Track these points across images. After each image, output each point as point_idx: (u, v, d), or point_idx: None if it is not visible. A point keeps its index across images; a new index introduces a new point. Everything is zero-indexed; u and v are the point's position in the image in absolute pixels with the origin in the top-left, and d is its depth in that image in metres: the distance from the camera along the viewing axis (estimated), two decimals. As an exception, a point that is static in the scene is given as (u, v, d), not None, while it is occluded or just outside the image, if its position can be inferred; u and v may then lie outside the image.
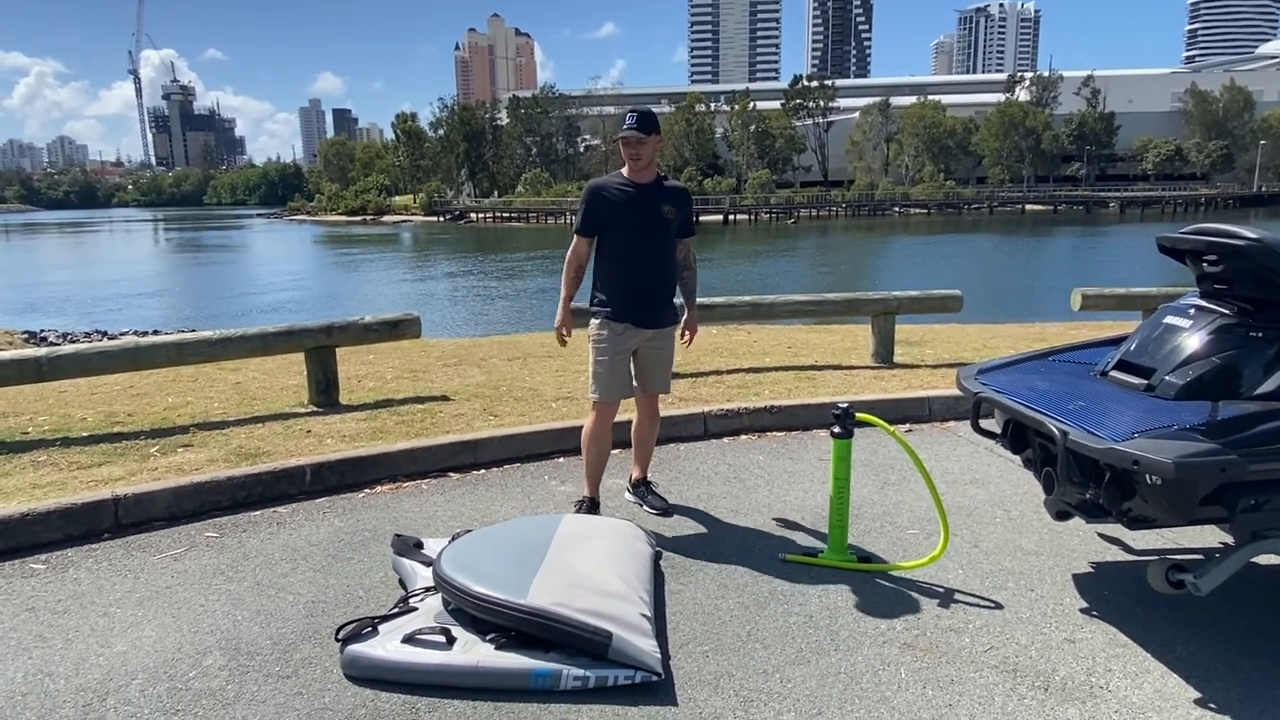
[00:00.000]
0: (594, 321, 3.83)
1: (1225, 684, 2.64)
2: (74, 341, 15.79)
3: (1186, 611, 3.05)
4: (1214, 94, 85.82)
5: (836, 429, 3.43)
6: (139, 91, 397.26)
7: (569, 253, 3.87)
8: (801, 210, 76.21)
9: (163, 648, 2.82)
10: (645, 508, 4.00)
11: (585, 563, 2.96)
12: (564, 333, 3.92)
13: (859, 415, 3.46)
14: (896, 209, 78.78)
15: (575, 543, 3.11)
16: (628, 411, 4.12)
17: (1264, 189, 79.90)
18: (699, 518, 3.94)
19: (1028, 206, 78.81)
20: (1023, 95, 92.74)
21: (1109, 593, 3.23)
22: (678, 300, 3.97)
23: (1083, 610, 3.10)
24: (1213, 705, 2.53)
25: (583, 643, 2.62)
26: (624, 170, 3.79)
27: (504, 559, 2.94)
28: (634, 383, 3.94)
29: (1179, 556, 3.43)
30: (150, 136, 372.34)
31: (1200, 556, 3.42)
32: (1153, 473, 2.39)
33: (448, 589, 2.80)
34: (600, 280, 3.84)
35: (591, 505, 3.85)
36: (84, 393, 5.86)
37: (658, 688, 2.58)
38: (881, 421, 3.49)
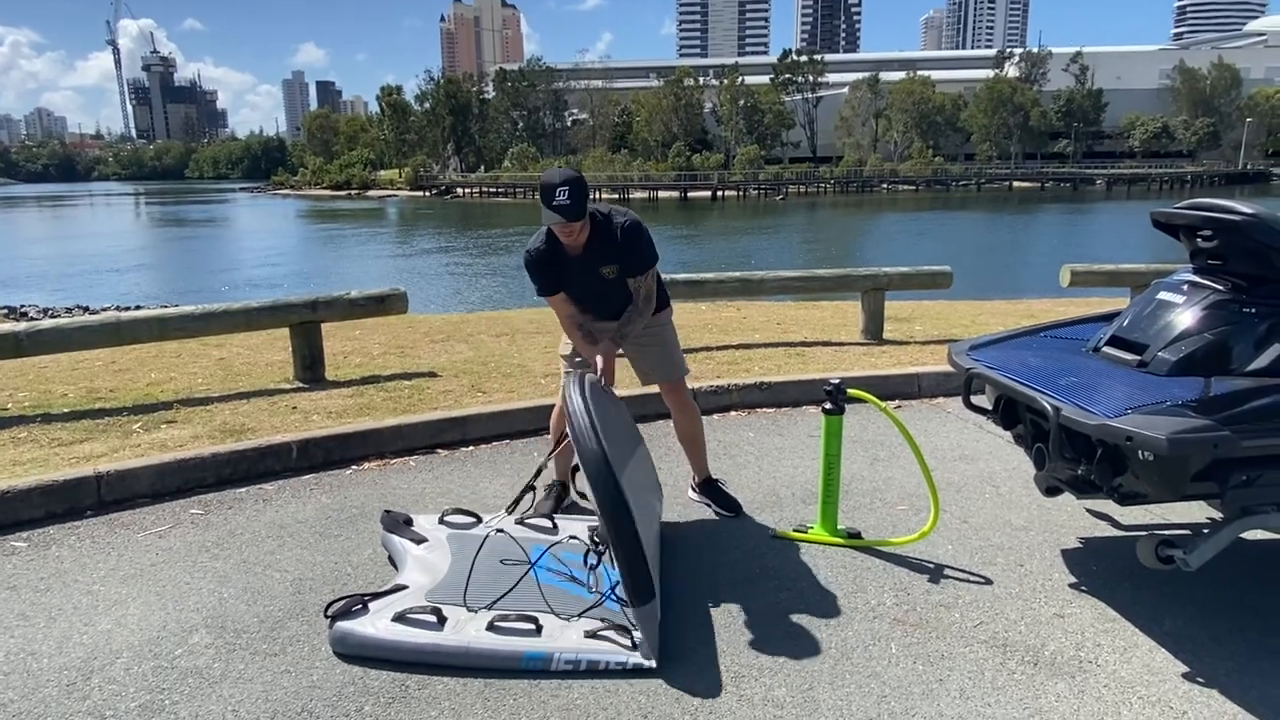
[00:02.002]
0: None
1: (1212, 658, 2.66)
2: (54, 316, 15.59)
3: (1174, 586, 3.06)
4: (1201, 71, 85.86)
5: (827, 405, 3.41)
6: (118, 62, 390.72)
7: (553, 312, 3.59)
8: (790, 187, 75.99)
9: (148, 625, 2.79)
10: (715, 508, 3.75)
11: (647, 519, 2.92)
12: (603, 381, 3.45)
13: (850, 391, 3.45)
14: (885, 186, 78.68)
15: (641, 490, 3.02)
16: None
17: (1249, 166, 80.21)
18: (685, 492, 3.92)
19: (1015, 183, 78.87)
20: (1011, 71, 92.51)
21: (1098, 568, 3.25)
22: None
23: (1072, 585, 3.11)
24: (1200, 679, 2.55)
25: (640, 588, 2.58)
26: (559, 236, 3.27)
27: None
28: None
29: (1167, 532, 3.45)
30: (130, 108, 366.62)
31: (1188, 532, 3.43)
32: (1146, 449, 2.39)
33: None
34: None
35: (561, 488, 3.77)
36: (65, 368, 5.78)
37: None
38: (873, 398, 3.47)
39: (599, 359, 3.37)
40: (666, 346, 3.66)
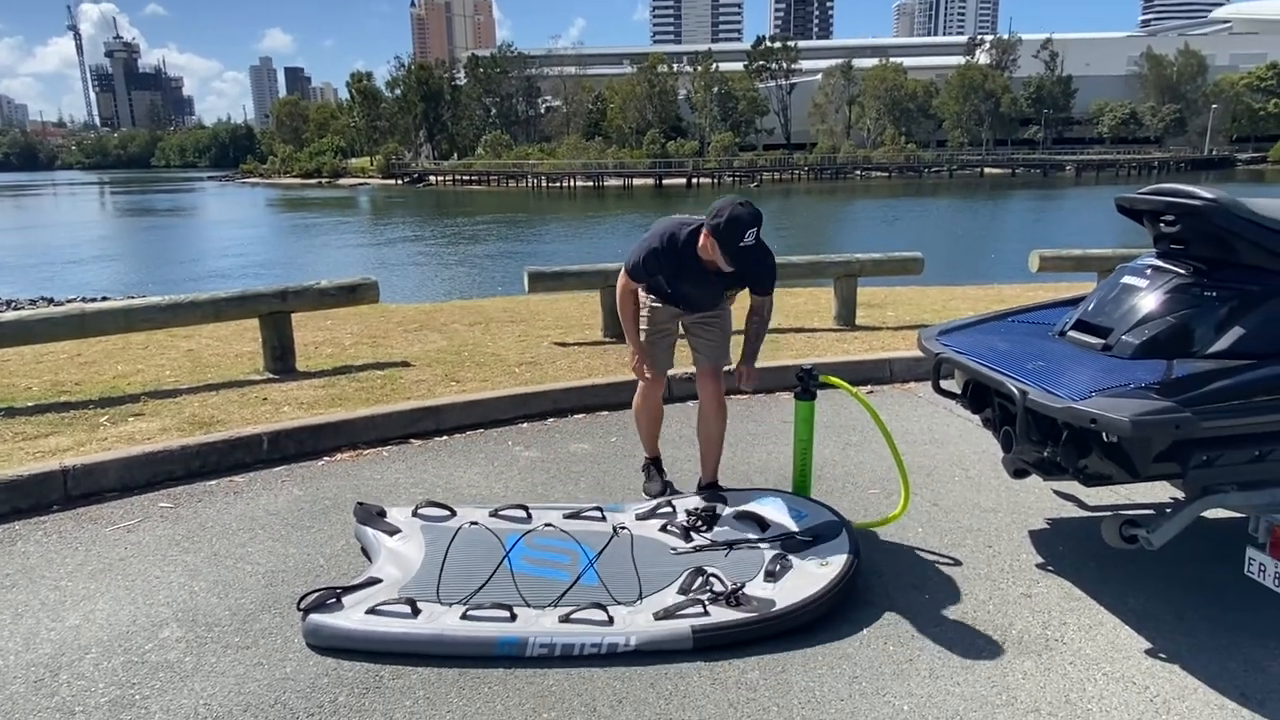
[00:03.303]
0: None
1: (1174, 634, 2.72)
2: (17, 309, 15.28)
3: (1139, 564, 3.13)
4: (1168, 58, 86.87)
5: (799, 390, 3.44)
6: (79, 48, 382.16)
7: (619, 289, 3.52)
8: (764, 174, 76.06)
9: (117, 621, 2.76)
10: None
11: None
12: (645, 371, 3.56)
13: (822, 377, 3.48)
14: (858, 172, 78.99)
15: None
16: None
17: (1214, 152, 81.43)
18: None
19: (986, 170, 79.49)
20: (983, 58, 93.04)
21: (1064, 548, 3.31)
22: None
23: (1039, 566, 3.16)
24: (1162, 655, 2.61)
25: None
26: (698, 248, 3.24)
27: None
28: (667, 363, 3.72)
29: (1132, 512, 3.52)
30: (93, 96, 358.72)
31: (1152, 512, 3.50)
32: (1110, 430, 2.43)
33: None
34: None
35: (657, 468, 3.80)
36: (28, 361, 5.67)
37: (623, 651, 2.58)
38: (844, 383, 3.51)
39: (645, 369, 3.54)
40: (724, 333, 3.65)
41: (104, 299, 18.14)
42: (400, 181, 79.52)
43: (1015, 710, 2.35)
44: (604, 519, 3.38)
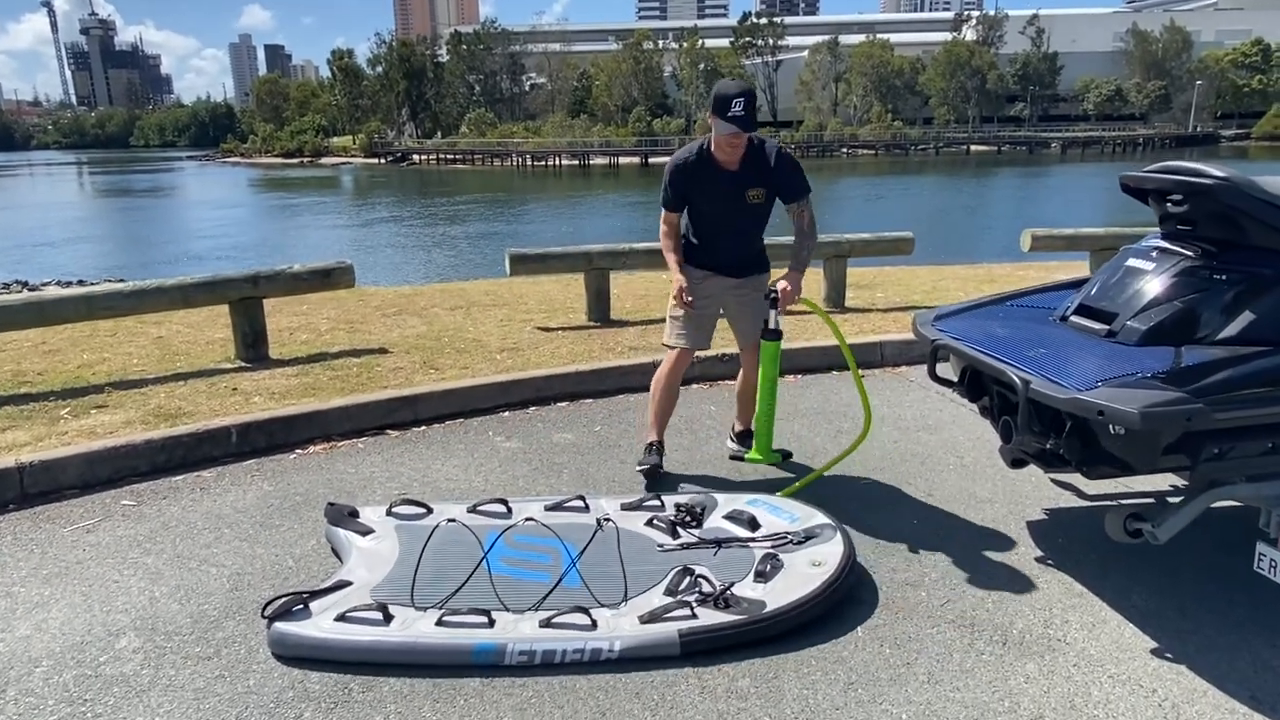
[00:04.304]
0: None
1: (1180, 631, 2.62)
2: (-10, 293, 14.95)
3: (1141, 555, 3.02)
4: (1154, 34, 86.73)
5: (765, 329, 3.45)
6: (54, 25, 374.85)
7: (661, 226, 3.61)
8: (750, 151, 75.52)
9: (71, 630, 2.61)
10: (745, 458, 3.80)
11: None
12: (686, 296, 3.46)
13: (803, 300, 3.56)
14: (845, 150, 78.67)
15: None
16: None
17: (1199, 128, 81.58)
18: (649, 472, 3.80)
19: (973, 147, 79.35)
20: (969, 34, 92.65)
21: (1064, 540, 3.20)
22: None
23: (1038, 559, 3.05)
24: (1168, 655, 2.50)
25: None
26: (712, 149, 3.41)
27: None
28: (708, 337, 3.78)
29: (1132, 501, 3.42)
30: (69, 74, 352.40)
31: (1153, 500, 3.40)
32: (1118, 423, 2.31)
33: None
34: (686, 226, 3.66)
35: (658, 448, 3.68)
36: (-10, 350, 5.46)
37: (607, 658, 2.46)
38: (814, 303, 3.67)
39: (685, 294, 3.46)
40: (759, 313, 3.63)
41: (80, 282, 17.79)
42: (383, 160, 78.68)
43: (1018, 718, 2.24)
44: (587, 509, 3.25)
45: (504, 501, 3.26)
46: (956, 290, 7.26)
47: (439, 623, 2.49)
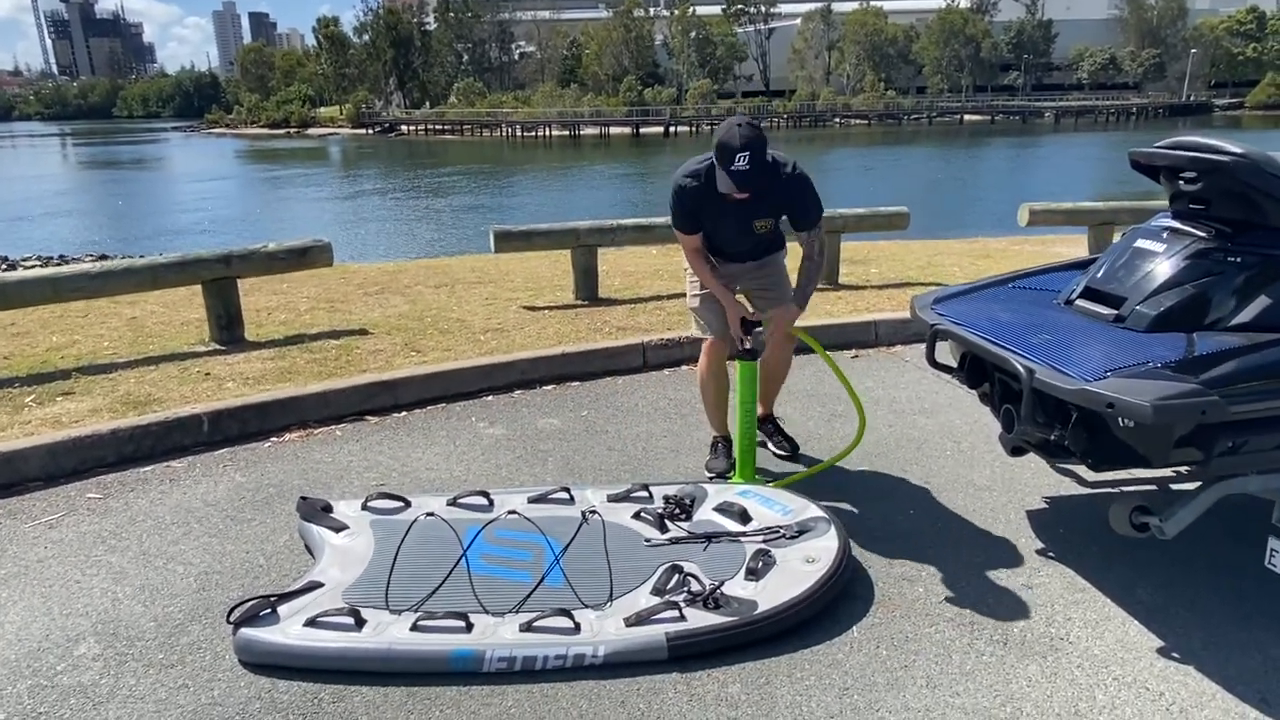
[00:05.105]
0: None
1: (1187, 628, 2.52)
2: (-32, 269, 14.61)
3: (1144, 550, 2.92)
4: (1149, 1, 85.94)
5: (740, 350, 3.27)
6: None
7: (685, 253, 3.39)
8: (742, 121, 74.79)
9: (28, 635, 2.48)
10: (770, 447, 3.68)
11: None
12: (742, 339, 3.28)
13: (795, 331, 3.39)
14: (837, 120, 78.00)
15: None
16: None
17: (1192, 98, 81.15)
18: (638, 459, 3.68)
19: (966, 117, 78.77)
20: (963, 2, 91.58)
21: (1064, 530, 3.10)
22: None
23: (1039, 551, 2.95)
24: (1175, 654, 2.41)
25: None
26: (716, 178, 3.04)
27: None
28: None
29: (1136, 488, 3.31)
30: (49, 43, 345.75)
31: (1156, 488, 3.29)
32: (1129, 416, 2.19)
33: None
34: None
35: (725, 444, 3.56)
36: (-43, 332, 5.28)
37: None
38: (804, 334, 3.45)
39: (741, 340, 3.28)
40: (784, 279, 3.53)
41: (62, 257, 17.46)
42: (371, 131, 77.68)
43: (1021, 725, 2.14)
44: (572, 501, 3.13)
45: (485, 494, 3.13)
46: (951, 266, 7.12)
47: (414, 627, 2.37)
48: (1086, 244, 6.93)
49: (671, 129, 70.20)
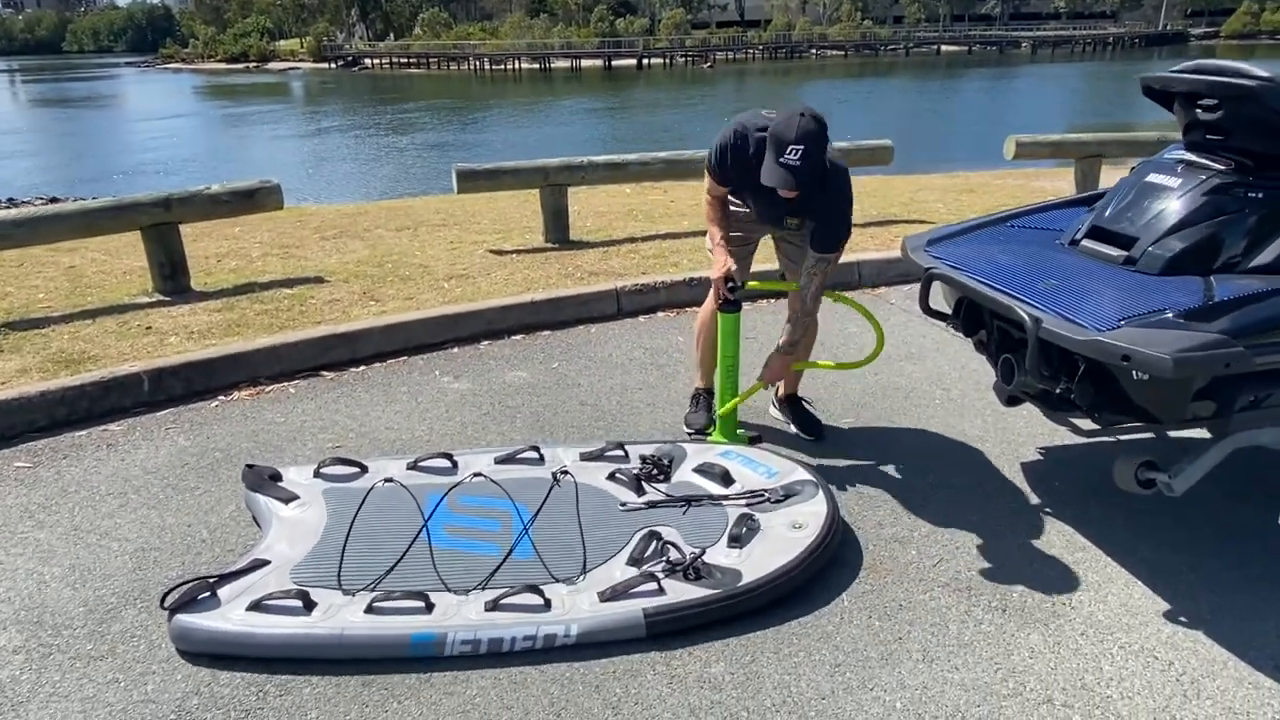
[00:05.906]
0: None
1: (1192, 590, 2.39)
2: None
3: (1144, 503, 2.76)
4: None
5: (722, 301, 3.01)
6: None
7: (705, 195, 3.05)
8: (718, 53, 73.11)
9: (-57, 625, 2.26)
10: (794, 428, 3.32)
11: None
12: (726, 286, 2.96)
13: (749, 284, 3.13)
14: (814, 51, 76.44)
15: None
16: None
17: (1168, 27, 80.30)
18: (612, 414, 3.47)
19: (943, 47, 77.44)
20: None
21: (1060, 484, 2.95)
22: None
23: (1035, 507, 2.80)
24: (1182, 619, 2.27)
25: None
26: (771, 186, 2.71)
27: None
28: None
29: (1135, 436, 3.15)
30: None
31: (1152, 436, 3.14)
32: (1147, 370, 2.00)
33: None
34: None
35: (707, 396, 3.33)
36: (-120, 285, 4.91)
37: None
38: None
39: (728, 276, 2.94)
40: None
41: (10, 201, 16.70)
42: (333, 65, 75.01)
43: (1025, 702, 1.99)
44: (542, 461, 2.93)
45: (449, 455, 2.92)
46: (935, 202, 6.88)
47: (369, 609, 2.17)
48: (1073, 178, 6.71)
49: (645, 61, 68.46)
